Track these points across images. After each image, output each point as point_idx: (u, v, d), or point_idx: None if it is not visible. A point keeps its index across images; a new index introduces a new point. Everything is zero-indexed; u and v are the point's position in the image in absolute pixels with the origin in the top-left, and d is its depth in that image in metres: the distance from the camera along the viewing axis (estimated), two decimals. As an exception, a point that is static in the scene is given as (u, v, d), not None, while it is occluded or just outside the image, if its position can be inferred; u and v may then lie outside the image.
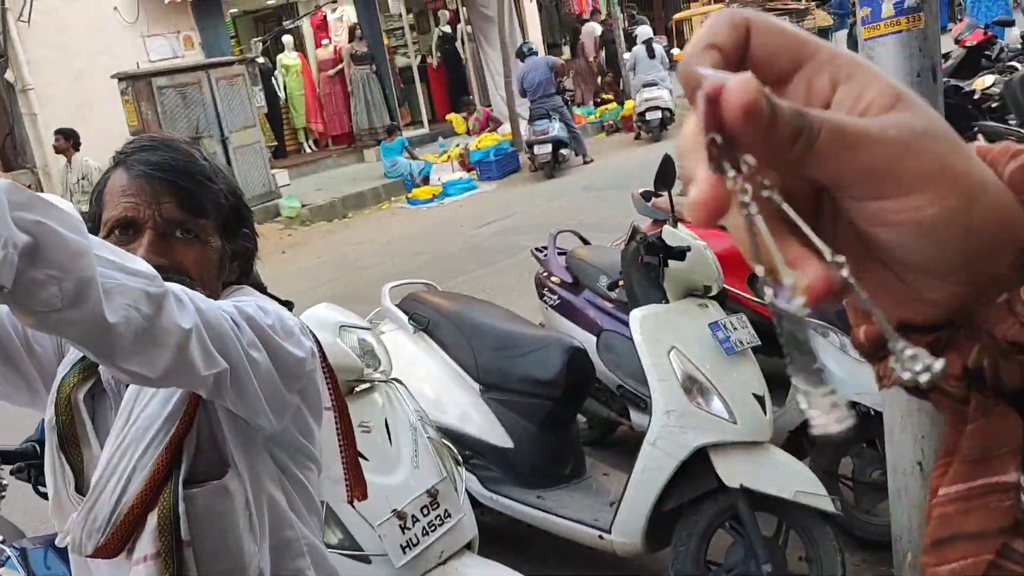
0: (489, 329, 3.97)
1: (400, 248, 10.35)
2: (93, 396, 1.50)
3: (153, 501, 1.39)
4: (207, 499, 1.42)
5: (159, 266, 1.40)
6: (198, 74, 12.26)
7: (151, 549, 1.39)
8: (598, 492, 3.72)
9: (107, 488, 1.39)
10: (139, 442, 1.39)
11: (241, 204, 1.60)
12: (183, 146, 1.55)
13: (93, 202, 1.52)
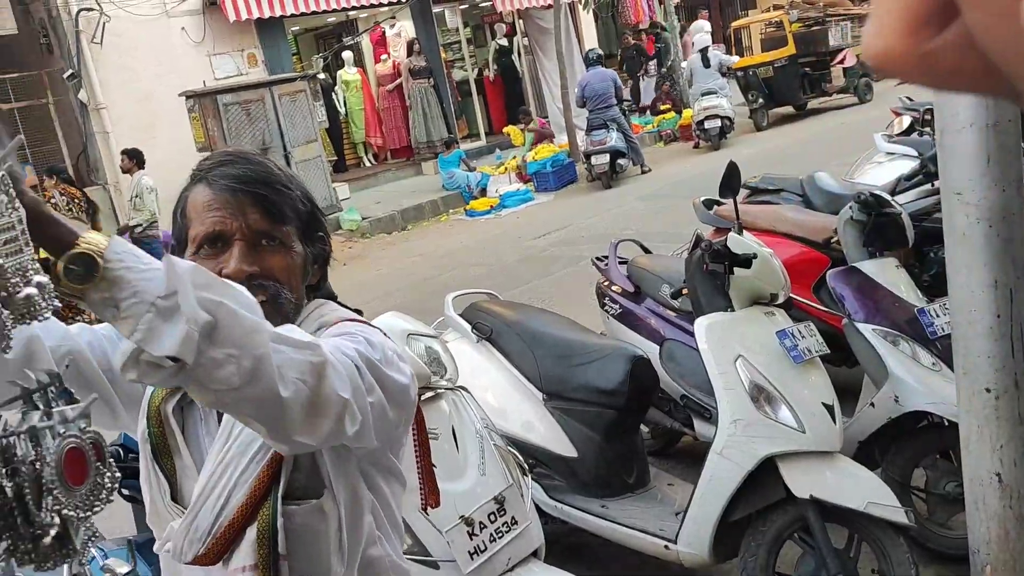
0: (551, 338, 3.98)
1: (458, 259, 10.43)
2: (182, 408, 1.56)
3: (252, 515, 1.44)
4: (304, 517, 1.47)
5: (252, 274, 1.48)
6: (261, 91, 12.56)
7: (250, 561, 1.44)
8: (663, 502, 3.70)
9: (208, 501, 1.44)
10: (241, 457, 1.44)
11: (315, 208, 1.65)
12: (257, 157, 1.59)
13: (177, 219, 1.56)
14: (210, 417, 1.56)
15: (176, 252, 1.57)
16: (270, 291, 1.50)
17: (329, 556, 1.49)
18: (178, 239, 1.56)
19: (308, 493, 1.49)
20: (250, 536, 1.44)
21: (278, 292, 1.51)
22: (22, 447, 0.87)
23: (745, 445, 3.16)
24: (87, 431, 0.89)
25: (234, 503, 1.44)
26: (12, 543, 0.88)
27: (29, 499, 0.86)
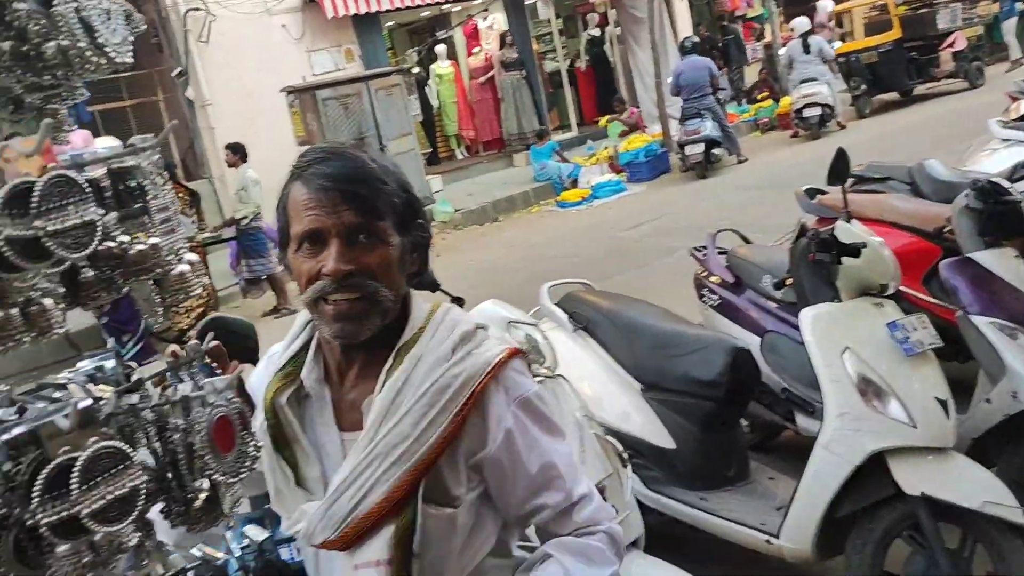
0: (649, 328, 3.95)
1: (550, 251, 10.44)
2: (297, 399, 1.64)
3: (391, 513, 1.50)
4: (437, 522, 1.53)
5: (348, 272, 1.52)
6: (358, 85, 12.83)
7: (384, 555, 1.50)
8: (764, 496, 3.63)
9: (348, 492, 1.51)
10: (385, 457, 1.50)
11: (412, 197, 1.66)
12: (352, 152, 1.61)
13: (280, 215, 1.61)
14: (325, 409, 1.63)
15: (282, 248, 1.64)
16: (368, 290, 1.54)
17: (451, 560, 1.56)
18: (281, 234, 1.61)
19: (443, 498, 1.56)
20: (386, 533, 1.50)
21: (376, 290, 1.54)
22: (176, 416, 0.92)
23: (852, 439, 3.07)
24: (233, 402, 0.94)
25: (372, 499, 1.50)
26: (166, 505, 0.93)
27: (182, 465, 0.91)
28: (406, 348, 1.58)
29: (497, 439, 1.56)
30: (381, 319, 1.56)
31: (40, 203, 0.76)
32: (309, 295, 1.53)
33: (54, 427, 0.79)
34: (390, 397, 1.53)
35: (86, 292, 0.89)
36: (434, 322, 1.61)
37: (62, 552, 0.77)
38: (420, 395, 1.53)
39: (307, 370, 1.63)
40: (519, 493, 1.59)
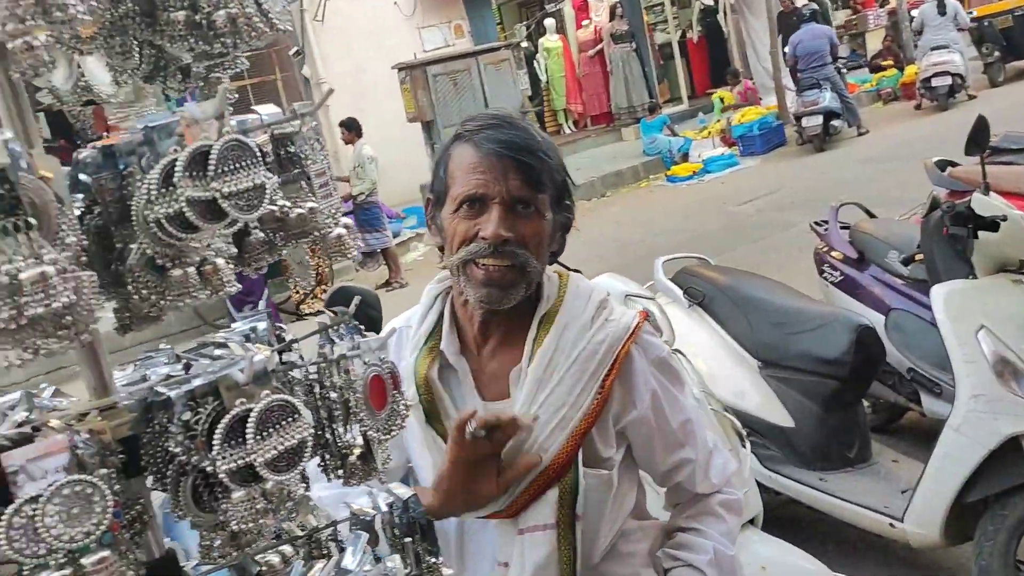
0: (767, 304, 3.86)
1: (659, 226, 10.30)
2: (443, 373, 1.66)
3: (555, 479, 1.54)
4: (595, 483, 1.58)
5: (506, 239, 1.53)
6: (468, 61, 12.89)
7: (550, 520, 1.55)
8: (887, 478, 3.52)
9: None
10: (546, 424, 1.54)
11: (568, 178, 1.68)
12: (521, 123, 1.62)
13: (439, 174, 1.63)
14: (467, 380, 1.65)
15: (432, 205, 1.66)
16: (520, 259, 1.55)
17: (604, 520, 1.61)
18: (437, 194, 1.64)
19: (598, 461, 1.60)
20: (551, 497, 1.55)
21: (527, 261, 1.56)
22: (333, 374, 0.96)
23: (986, 422, 2.94)
24: (386, 361, 0.97)
25: (537, 468, 1.54)
26: (323, 459, 0.97)
27: (338, 421, 0.95)
28: (549, 318, 1.61)
29: (644, 400, 1.61)
30: (526, 289, 1.58)
31: (217, 166, 0.80)
32: (461, 256, 1.55)
33: (231, 380, 0.84)
34: (543, 366, 1.57)
35: (251, 254, 0.93)
36: (571, 291, 1.65)
37: (237, 498, 0.82)
38: (571, 363, 1.56)
39: (446, 342, 1.66)
40: (664, 450, 1.66)
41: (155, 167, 0.80)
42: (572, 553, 1.55)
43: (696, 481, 1.71)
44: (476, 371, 1.66)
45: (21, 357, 0.69)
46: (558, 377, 1.56)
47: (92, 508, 0.73)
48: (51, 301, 0.68)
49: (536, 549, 1.53)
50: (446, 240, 1.61)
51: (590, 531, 1.58)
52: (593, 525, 1.59)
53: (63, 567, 0.73)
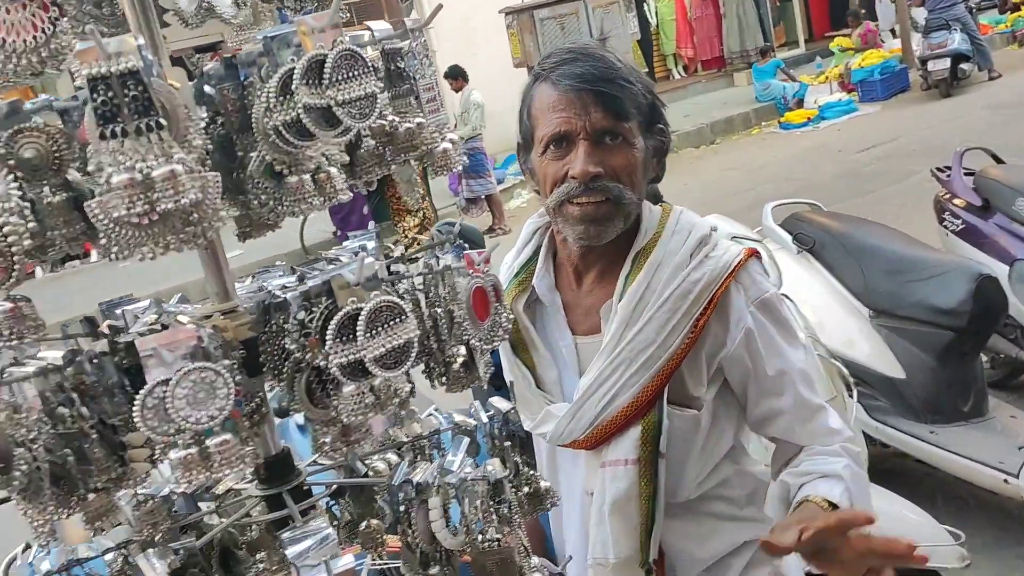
0: (882, 251, 3.72)
1: (770, 173, 10.01)
2: (530, 306, 1.69)
3: (638, 415, 1.55)
4: (681, 422, 1.57)
5: (595, 175, 1.52)
6: (576, 4, 12.67)
7: (632, 455, 1.55)
8: (1004, 434, 3.38)
9: (595, 396, 1.56)
10: (631, 362, 1.54)
11: (656, 99, 1.63)
12: (599, 52, 1.58)
13: (523, 119, 1.62)
14: (558, 314, 1.67)
15: (522, 150, 1.66)
16: (613, 192, 1.53)
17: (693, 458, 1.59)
18: (525, 138, 1.63)
19: (686, 402, 1.59)
20: (633, 433, 1.55)
21: (621, 193, 1.54)
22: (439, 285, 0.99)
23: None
24: (489, 274, 0.99)
25: (619, 402, 1.55)
26: (427, 366, 1.01)
27: (443, 330, 0.99)
28: (644, 254, 1.58)
29: (736, 338, 1.55)
30: (624, 222, 1.57)
31: (332, 74, 0.83)
32: (555, 198, 1.55)
33: (343, 280, 0.88)
34: (632, 304, 1.55)
35: (361, 166, 0.97)
36: (669, 226, 1.60)
37: (348, 392, 0.87)
38: (662, 301, 1.54)
39: (539, 277, 1.68)
40: (757, 394, 1.59)
41: (274, 76, 0.84)
42: (653, 489, 1.55)
43: (795, 436, 1.60)
44: (570, 305, 1.67)
45: (153, 251, 0.75)
46: (648, 315, 1.54)
47: (216, 394, 0.79)
48: (180, 197, 0.72)
49: (616, 482, 1.54)
50: (539, 183, 1.61)
51: (675, 470, 1.58)
52: (678, 464, 1.58)
53: (190, 446, 0.79)
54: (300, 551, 0.87)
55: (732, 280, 1.55)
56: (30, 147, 0.78)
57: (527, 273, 1.69)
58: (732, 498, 1.66)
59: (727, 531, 1.66)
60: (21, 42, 0.79)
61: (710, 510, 1.65)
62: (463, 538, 0.97)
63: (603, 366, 1.56)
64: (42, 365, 0.84)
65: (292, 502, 0.99)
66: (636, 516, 1.54)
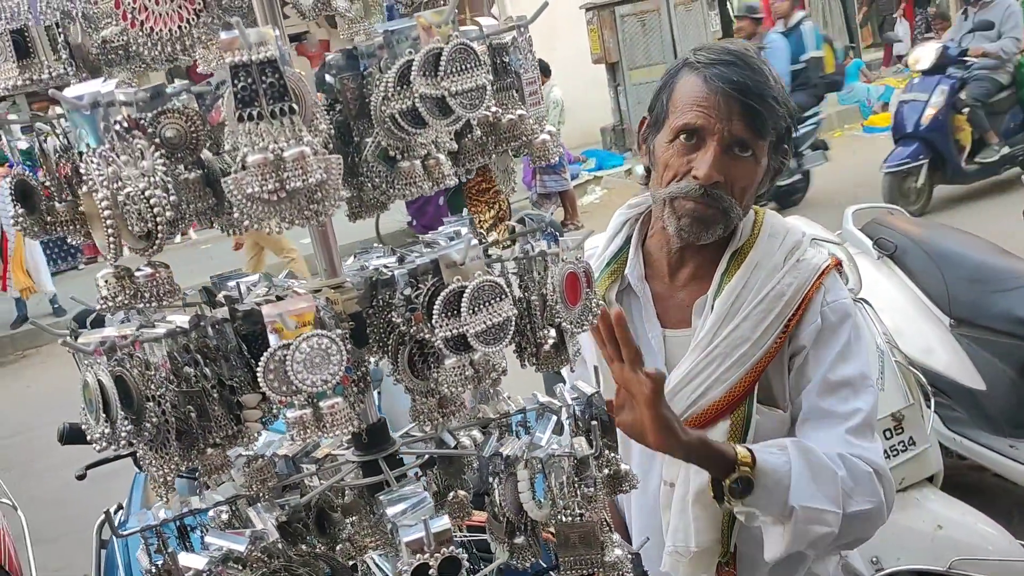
0: (966, 259, 3.64)
1: (853, 177, 9.79)
2: (621, 294, 1.72)
3: (727, 411, 1.58)
4: (768, 421, 1.60)
5: (716, 183, 1.54)
6: (658, 0, 12.60)
7: None
8: (1089, 452, 3.28)
9: (686, 390, 1.60)
10: (725, 358, 1.58)
11: (793, 125, 1.65)
12: (757, 62, 1.58)
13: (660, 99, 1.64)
14: (648, 305, 1.70)
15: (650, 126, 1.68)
16: (724, 204, 1.57)
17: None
18: (656, 117, 1.65)
19: (771, 402, 1.62)
20: (722, 427, 1.59)
21: (731, 207, 1.57)
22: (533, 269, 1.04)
23: None
24: (581, 260, 1.04)
25: (710, 397, 1.59)
26: (519, 346, 1.06)
27: (536, 312, 1.03)
28: (741, 254, 1.62)
29: (809, 335, 1.58)
30: (724, 230, 1.60)
31: (447, 66, 0.88)
32: (670, 192, 1.58)
33: (450, 258, 0.93)
34: (729, 301, 1.59)
35: (465, 154, 1.02)
36: (764, 230, 1.64)
37: (450, 364, 0.93)
38: (759, 301, 1.57)
39: (630, 267, 1.71)
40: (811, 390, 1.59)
41: (392, 67, 0.90)
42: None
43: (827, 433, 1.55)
44: (660, 297, 1.70)
45: (279, 225, 0.81)
46: (744, 313, 1.57)
47: (330, 360, 0.85)
48: (307, 177, 0.79)
49: (701, 475, 1.56)
50: (655, 166, 1.63)
51: None
52: None
53: (304, 407, 0.85)
54: (399, 511, 0.93)
55: (819, 285, 1.59)
56: (171, 127, 0.86)
57: (619, 263, 1.73)
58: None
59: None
60: (167, 32, 0.86)
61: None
62: (548, 511, 1.02)
63: (696, 360, 1.59)
64: (171, 328, 0.91)
65: (387, 468, 1.06)
66: (720, 508, 1.56)
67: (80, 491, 2.78)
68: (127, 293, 0.84)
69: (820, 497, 1.45)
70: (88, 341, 0.87)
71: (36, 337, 9.25)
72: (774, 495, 1.44)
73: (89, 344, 0.86)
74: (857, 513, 1.47)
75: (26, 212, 0.89)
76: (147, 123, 0.86)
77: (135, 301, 0.84)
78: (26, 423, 6.65)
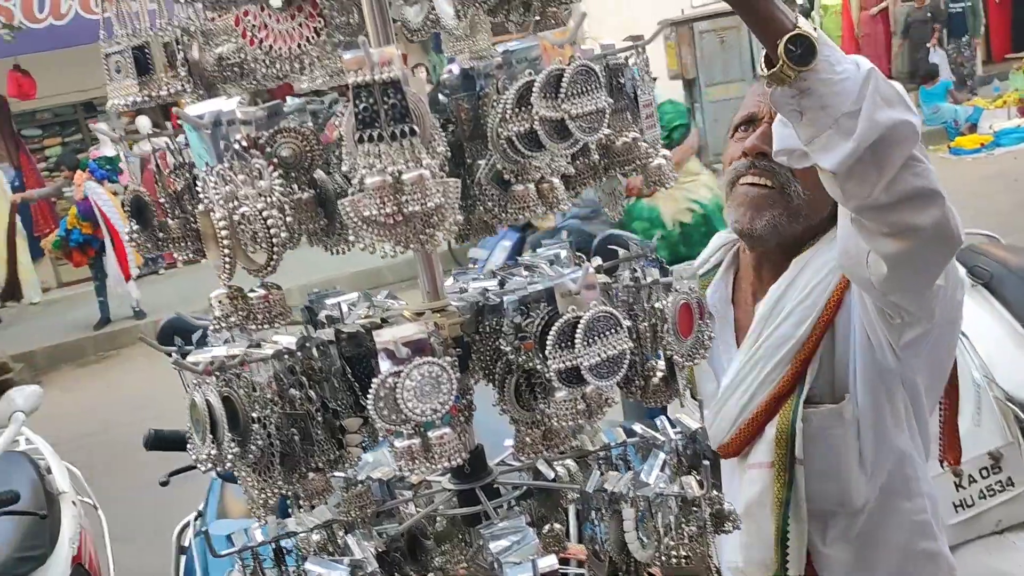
0: (1068, 290, 3.46)
1: (938, 201, 9.47)
2: None
3: (774, 414, 1.51)
4: (821, 421, 1.50)
5: (763, 153, 1.49)
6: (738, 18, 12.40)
7: (766, 458, 1.52)
8: None
9: (733, 396, 1.55)
10: (769, 359, 1.52)
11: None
12: None
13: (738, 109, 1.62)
14: (726, 329, 1.64)
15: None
16: (779, 179, 1.49)
17: (849, 466, 1.50)
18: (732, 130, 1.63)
19: (828, 399, 1.51)
20: (769, 434, 1.52)
21: (787, 181, 1.49)
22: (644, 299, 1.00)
23: None
24: (694, 291, 0.99)
25: (758, 400, 1.52)
26: (626, 378, 1.02)
27: (646, 344, 0.99)
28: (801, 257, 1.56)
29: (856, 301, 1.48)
30: (786, 217, 1.51)
31: (568, 88, 0.85)
32: (727, 177, 1.55)
33: (565, 288, 0.90)
34: (772, 301, 1.53)
35: (578, 177, 0.99)
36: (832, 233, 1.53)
37: (561, 398, 0.89)
38: (803, 296, 1.50)
39: (712, 289, 1.66)
40: None
41: (511, 88, 0.87)
42: (787, 497, 1.49)
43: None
44: (741, 323, 1.64)
45: (395, 249, 0.79)
46: (787, 311, 1.50)
47: (440, 388, 0.82)
48: (426, 201, 0.76)
49: (751, 486, 1.52)
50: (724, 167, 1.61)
51: (820, 478, 1.50)
52: (824, 473, 1.50)
53: (413, 437, 0.83)
54: (502, 547, 0.89)
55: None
56: (287, 146, 0.85)
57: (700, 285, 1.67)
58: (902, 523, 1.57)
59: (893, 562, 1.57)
60: (286, 50, 0.85)
61: (875, 535, 1.56)
62: (653, 551, 0.98)
63: (741, 364, 1.54)
64: (278, 349, 0.90)
65: (486, 498, 1.03)
66: (769, 523, 1.50)
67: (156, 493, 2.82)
68: (240, 314, 0.83)
69: (893, 94, 1.21)
70: (198, 360, 0.86)
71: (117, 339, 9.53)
72: (837, 72, 1.15)
73: (199, 364, 0.85)
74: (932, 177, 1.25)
75: (140, 228, 0.89)
76: (264, 142, 0.85)
77: (247, 322, 0.83)
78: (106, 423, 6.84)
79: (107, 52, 0.91)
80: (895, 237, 1.23)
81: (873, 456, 1.52)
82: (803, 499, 1.50)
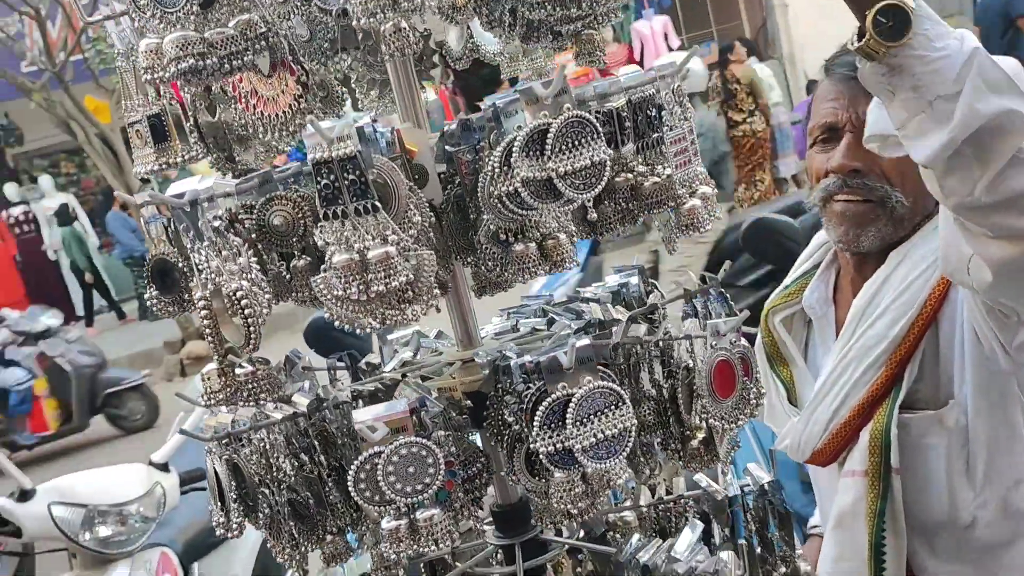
0: None
1: None
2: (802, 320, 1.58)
3: (868, 418, 1.38)
4: (919, 427, 1.36)
5: (854, 170, 1.37)
6: None
7: (860, 466, 1.40)
8: None
9: (826, 399, 1.43)
10: (862, 360, 1.39)
11: None
12: None
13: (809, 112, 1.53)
14: (827, 329, 1.53)
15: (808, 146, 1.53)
16: (877, 193, 1.38)
17: (952, 477, 1.35)
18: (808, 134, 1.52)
19: (931, 405, 1.38)
20: (863, 440, 1.40)
21: (887, 194, 1.37)
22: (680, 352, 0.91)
23: None
24: (737, 345, 0.89)
25: (851, 403, 1.40)
26: (663, 439, 0.94)
27: (681, 401, 0.91)
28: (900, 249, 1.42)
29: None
30: (891, 226, 1.39)
31: (554, 145, 0.78)
32: (816, 194, 1.45)
33: (556, 363, 0.83)
34: (866, 299, 1.41)
35: (604, 222, 0.91)
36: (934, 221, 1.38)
37: (557, 479, 0.83)
38: (900, 292, 1.36)
39: (810, 290, 1.55)
40: None
41: (498, 145, 0.81)
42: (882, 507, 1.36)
43: None
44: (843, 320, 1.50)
45: (371, 324, 0.76)
46: (881, 309, 1.37)
47: (426, 468, 0.79)
48: (391, 280, 0.73)
49: (845, 494, 1.41)
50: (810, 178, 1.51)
51: (918, 488, 1.36)
52: (924, 484, 1.36)
53: (400, 518, 0.80)
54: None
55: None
56: (279, 214, 0.83)
57: (798, 286, 1.59)
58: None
59: None
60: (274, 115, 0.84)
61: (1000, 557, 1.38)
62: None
63: (834, 365, 1.42)
64: (288, 413, 0.89)
65: (521, 558, 0.98)
66: (863, 535, 1.38)
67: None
68: (228, 390, 0.83)
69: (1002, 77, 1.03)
70: (207, 427, 0.87)
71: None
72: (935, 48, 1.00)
73: (206, 433, 0.86)
74: None
75: (161, 292, 0.91)
76: (258, 209, 0.84)
77: (235, 398, 0.83)
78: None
79: (129, 121, 0.93)
80: (1000, 240, 1.07)
81: (985, 468, 1.35)
82: (900, 511, 1.36)
